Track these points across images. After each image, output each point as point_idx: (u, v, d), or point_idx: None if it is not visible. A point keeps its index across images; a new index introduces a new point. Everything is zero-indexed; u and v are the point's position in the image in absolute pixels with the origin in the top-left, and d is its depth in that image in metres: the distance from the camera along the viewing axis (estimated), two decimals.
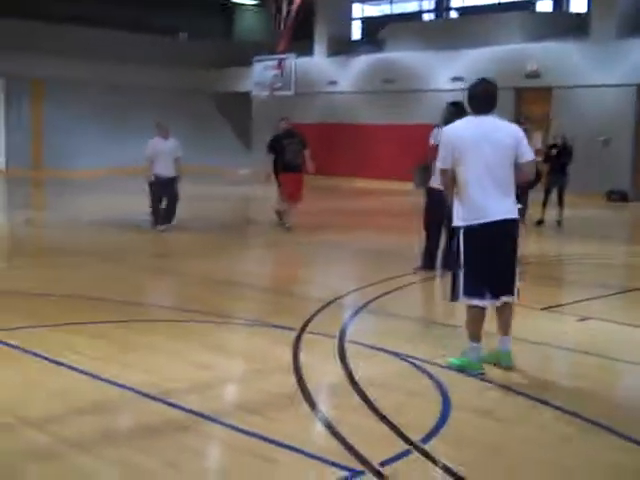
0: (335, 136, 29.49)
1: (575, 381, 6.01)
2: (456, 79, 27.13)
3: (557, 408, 5.19)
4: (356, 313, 7.82)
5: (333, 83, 30.22)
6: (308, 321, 7.31)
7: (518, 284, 5.86)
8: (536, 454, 4.49)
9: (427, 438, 4.62)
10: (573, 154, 16.33)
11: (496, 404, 5.34)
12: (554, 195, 15.91)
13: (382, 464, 4.23)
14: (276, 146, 14.27)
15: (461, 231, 5.76)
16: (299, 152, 14.13)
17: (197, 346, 6.51)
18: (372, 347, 6.51)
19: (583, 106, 23.96)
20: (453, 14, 33.07)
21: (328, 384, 5.61)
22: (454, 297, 5.91)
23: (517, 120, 15.73)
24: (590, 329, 7.47)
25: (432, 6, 33.33)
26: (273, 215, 14.80)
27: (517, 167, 5.78)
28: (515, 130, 5.84)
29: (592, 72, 23.98)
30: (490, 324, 6.04)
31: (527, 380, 5.78)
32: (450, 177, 5.81)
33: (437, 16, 33.45)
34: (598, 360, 6.43)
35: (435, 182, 9.60)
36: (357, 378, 5.64)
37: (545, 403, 5.28)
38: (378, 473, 4.14)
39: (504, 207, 5.71)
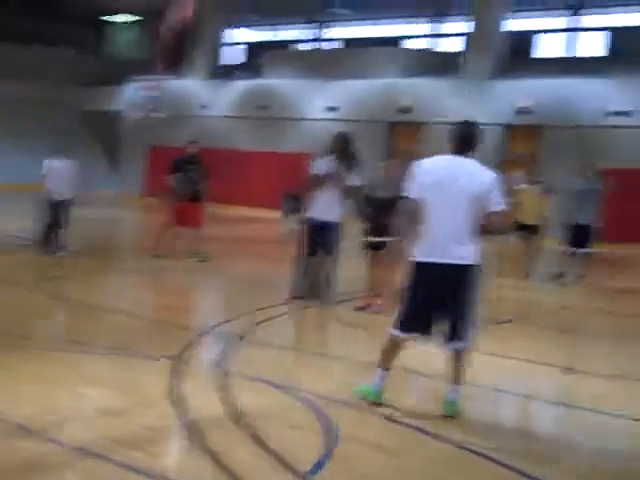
0: (208, 161, 29.27)
1: (470, 416, 6.11)
2: (330, 109, 27.56)
3: (440, 438, 5.27)
4: (233, 343, 7.71)
5: (206, 107, 30.08)
6: (184, 351, 7.15)
7: (472, 331, 5.73)
8: None
9: (315, 470, 4.59)
10: None
11: (381, 436, 5.36)
12: None
13: None
14: (177, 170, 13.60)
15: (410, 264, 5.71)
16: (199, 179, 13.60)
17: (72, 377, 6.25)
18: (252, 378, 6.42)
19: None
20: (332, 45, 33.60)
21: (210, 416, 5.47)
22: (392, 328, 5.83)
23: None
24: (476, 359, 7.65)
25: (311, 35, 33.72)
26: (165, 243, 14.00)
27: (486, 215, 5.63)
28: (490, 176, 5.71)
29: (461, 110, 24.83)
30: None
31: (411, 411, 5.84)
32: (409, 209, 5.72)
33: (313, 46, 33.88)
34: (479, 390, 6.57)
35: (312, 212, 9.63)
36: (240, 410, 5.55)
37: (428, 433, 5.35)
38: None
39: (459, 252, 5.58)
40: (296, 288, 9.89)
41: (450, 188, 5.60)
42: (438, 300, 5.67)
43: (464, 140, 5.83)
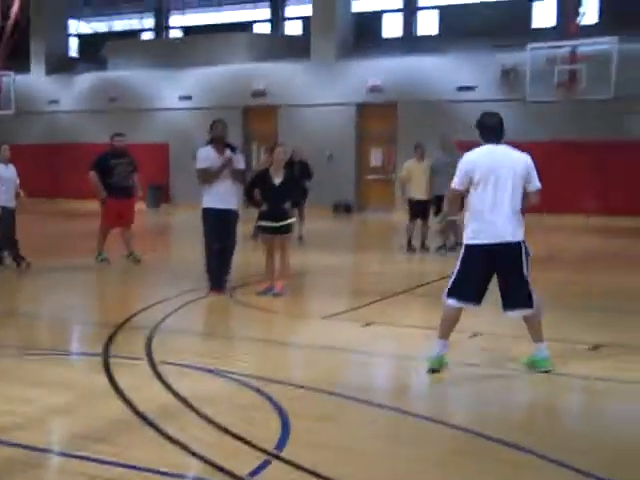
0: (59, 157, 28.52)
1: (392, 382, 6.45)
2: (184, 98, 27.40)
3: (385, 407, 5.60)
4: (153, 333, 7.75)
5: (55, 102, 29.21)
6: (107, 345, 7.16)
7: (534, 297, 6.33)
8: (383, 449, 4.84)
9: (281, 446, 4.79)
10: (311, 170, 17.04)
11: (329, 409, 5.63)
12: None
13: (252, 474, 4.35)
14: (102, 166, 12.67)
15: (464, 247, 6.36)
16: (128, 174, 12.83)
17: (9, 381, 6.16)
18: (184, 365, 6.53)
19: (308, 124, 25.23)
20: (176, 33, 33.29)
21: (160, 406, 5.54)
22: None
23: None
24: (377, 333, 8.04)
25: (152, 24, 33.28)
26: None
27: (525, 194, 6.31)
28: (525, 159, 6.31)
29: (315, 92, 25.35)
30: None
31: (349, 384, 6.14)
32: (459, 198, 6.49)
33: (158, 35, 33.47)
34: (391, 359, 6.94)
35: (210, 202, 9.83)
36: (187, 397, 5.66)
37: (370, 403, 5.67)
38: None
39: (511, 229, 6.22)
40: (210, 276, 10.03)
41: (497, 173, 6.20)
42: (499, 275, 6.33)
43: (495, 130, 6.38)
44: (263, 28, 31.60)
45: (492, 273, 6.34)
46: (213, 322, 9.01)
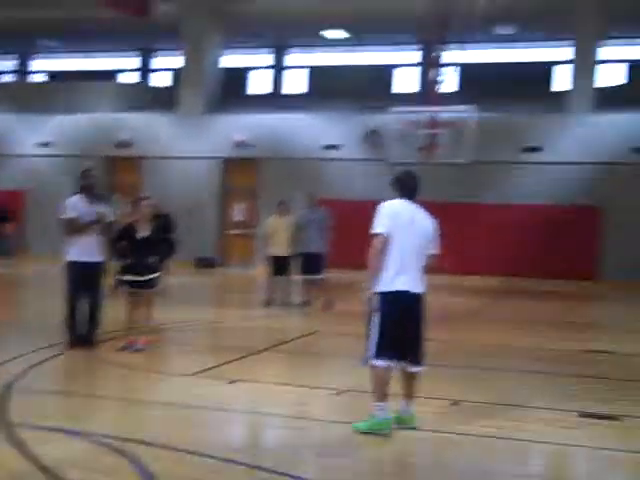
0: None
1: (258, 440, 6.37)
2: (44, 144, 26.68)
3: (255, 467, 5.52)
4: (6, 391, 7.36)
5: None
6: None
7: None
8: None
9: None
10: (174, 223, 16.80)
11: (196, 470, 5.49)
12: None
13: None
14: None
15: (379, 296, 6.29)
16: None
17: None
18: (41, 427, 6.22)
19: (173, 176, 25.03)
20: (39, 77, 32.47)
21: (17, 472, 5.24)
22: (366, 360, 6.34)
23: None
24: (243, 389, 7.96)
25: (14, 67, 32.34)
26: None
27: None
28: (434, 223, 6.62)
29: (181, 144, 25.22)
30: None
31: (216, 444, 6.02)
32: (381, 245, 6.29)
33: (19, 78, 32.54)
34: (259, 417, 6.88)
35: (74, 255, 9.56)
36: (47, 464, 5.38)
37: (235, 462, 5.58)
38: None
39: (420, 282, 6.45)
40: (70, 331, 9.68)
41: (413, 228, 6.42)
42: (409, 326, 6.40)
43: (415, 189, 6.58)
44: (131, 78, 31.29)
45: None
46: (71, 380, 8.64)
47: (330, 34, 27.06)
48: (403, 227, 6.38)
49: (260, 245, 15.01)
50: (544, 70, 26.71)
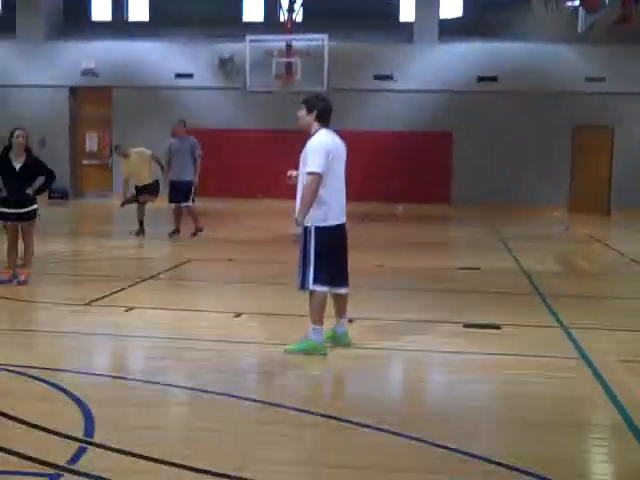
0: None
1: (186, 363, 6.46)
2: None
3: (176, 386, 5.66)
4: None
5: None
6: None
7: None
8: (192, 425, 4.92)
9: (89, 433, 4.69)
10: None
11: (124, 392, 5.58)
12: None
13: (71, 463, 4.25)
14: None
15: (316, 229, 6.46)
16: None
17: None
18: None
19: (17, 106, 23.88)
20: None
21: None
22: (304, 285, 6.51)
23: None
24: (144, 316, 8.02)
25: None
26: None
27: None
28: (345, 145, 6.73)
29: (22, 72, 24.05)
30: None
31: (134, 368, 6.10)
32: (318, 182, 6.37)
33: None
34: (174, 342, 6.99)
35: None
36: None
37: (161, 384, 5.70)
38: (73, 471, 4.16)
39: (344, 212, 6.67)
40: None
41: (342, 158, 6.61)
42: (340, 254, 6.71)
43: (331, 114, 6.67)
44: None
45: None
46: None
47: None
48: (334, 161, 6.53)
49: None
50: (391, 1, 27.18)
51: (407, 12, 26.08)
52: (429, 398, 5.88)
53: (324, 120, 6.64)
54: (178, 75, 23.65)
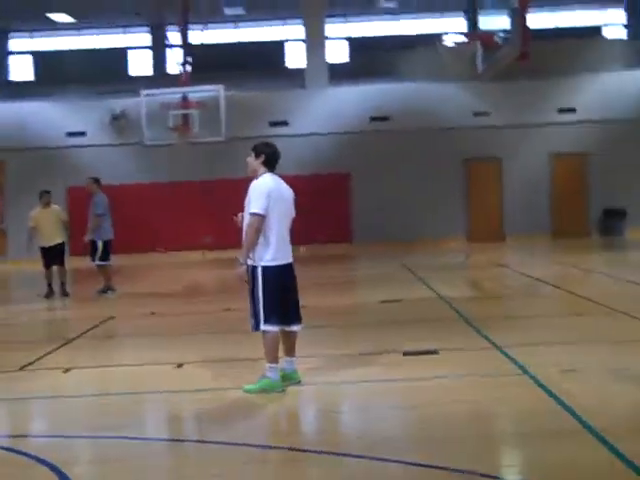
0: None
1: (149, 417, 6.39)
2: None
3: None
4: None
5: None
6: None
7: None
8: None
9: None
10: None
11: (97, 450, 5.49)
12: None
13: None
14: None
15: (262, 270, 6.61)
16: None
17: None
18: None
19: None
20: None
21: None
22: (257, 326, 6.66)
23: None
24: (86, 375, 7.91)
25: None
26: None
27: None
28: (291, 190, 6.95)
29: None
30: None
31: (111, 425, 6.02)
32: (261, 224, 6.57)
33: None
34: (128, 397, 6.92)
35: None
36: None
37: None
38: None
39: (290, 252, 6.85)
40: None
41: (283, 202, 6.80)
42: (290, 293, 6.87)
43: (278, 160, 6.91)
44: None
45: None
46: None
47: (56, 17, 26.12)
48: (277, 203, 6.71)
49: (27, 238, 14.47)
50: (278, 48, 27.76)
51: (294, 58, 26.74)
52: (396, 423, 6.00)
53: (271, 165, 6.87)
54: (70, 134, 23.35)
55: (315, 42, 23.92)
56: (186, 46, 22.60)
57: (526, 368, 7.08)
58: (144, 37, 28.96)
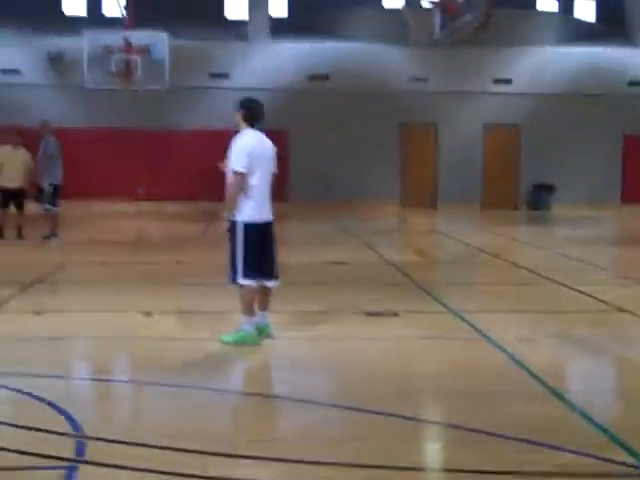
0: None
1: (128, 359, 6.58)
2: None
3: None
4: None
5: None
6: None
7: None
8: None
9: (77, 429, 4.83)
10: None
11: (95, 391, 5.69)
12: None
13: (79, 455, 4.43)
14: None
15: (243, 226, 6.81)
16: None
17: None
18: None
19: None
20: None
21: None
22: (234, 279, 6.88)
23: None
24: (59, 319, 8.05)
25: None
26: None
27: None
28: (273, 146, 7.14)
29: None
30: None
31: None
32: (242, 180, 6.77)
33: None
34: (104, 341, 7.11)
35: None
36: None
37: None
38: (86, 462, 4.34)
39: (271, 209, 7.07)
40: None
41: (266, 159, 6.97)
42: (268, 249, 7.08)
43: (262, 117, 7.07)
44: None
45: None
46: None
47: None
48: (259, 160, 6.90)
49: None
50: None
51: (233, 8, 26.54)
52: (363, 378, 6.31)
53: (252, 121, 7.02)
54: (4, 71, 22.76)
55: None
56: None
57: (485, 333, 7.52)
58: None
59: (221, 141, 22.37)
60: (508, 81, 23.96)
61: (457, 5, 18.07)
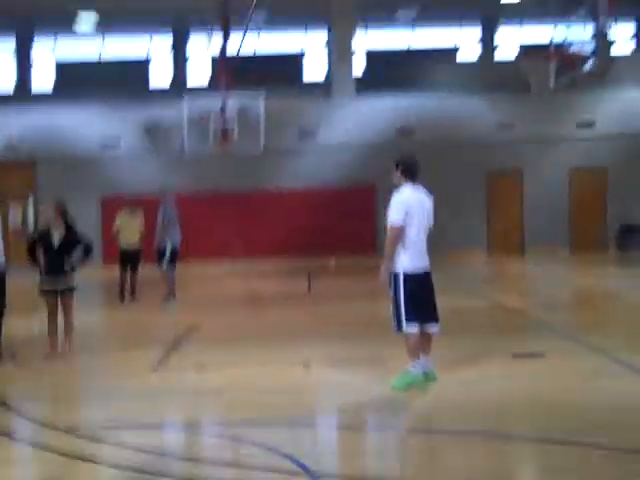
0: None
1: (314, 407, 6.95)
2: None
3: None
4: None
5: None
6: None
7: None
8: None
9: None
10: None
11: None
12: None
13: None
14: None
15: (402, 276, 7.28)
16: None
17: None
18: None
19: None
20: None
21: None
22: (399, 328, 7.34)
23: None
24: (223, 375, 8.45)
25: None
26: None
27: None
28: (431, 199, 7.61)
29: None
30: None
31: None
32: (399, 233, 7.26)
33: None
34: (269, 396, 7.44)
35: None
36: None
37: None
38: None
39: (427, 260, 7.51)
40: None
41: (422, 211, 7.46)
42: (428, 297, 7.51)
43: (418, 172, 7.61)
44: None
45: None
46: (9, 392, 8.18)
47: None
48: (415, 213, 7.40)
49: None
50: (299, 59, 28.15)
51: (312, 70, 27.32)
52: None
53: (410, 176, 7.54)
54: (105, 142, 23.74)
55: (343, 52, 24.57)
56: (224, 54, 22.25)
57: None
58: (165, 47, 29.08)
59: (317, 200, 23.29)
60: (592, 124, 24.11)
61: (573, 55, 18.35)
